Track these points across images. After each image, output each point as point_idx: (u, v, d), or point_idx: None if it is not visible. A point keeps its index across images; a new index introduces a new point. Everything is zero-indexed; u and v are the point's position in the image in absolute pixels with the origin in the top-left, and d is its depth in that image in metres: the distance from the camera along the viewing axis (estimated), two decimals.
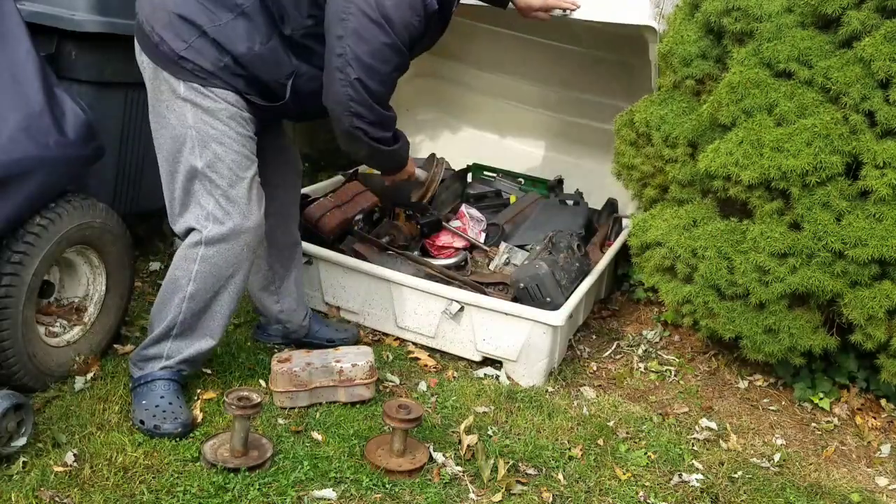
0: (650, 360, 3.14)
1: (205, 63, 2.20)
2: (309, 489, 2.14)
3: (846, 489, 2.48)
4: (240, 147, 2.27)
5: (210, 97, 2.23)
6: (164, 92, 2.24)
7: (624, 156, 3.26)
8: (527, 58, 4.11)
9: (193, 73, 2.20)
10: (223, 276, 2.31)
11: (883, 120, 2.47)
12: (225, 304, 2.37)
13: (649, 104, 3.10)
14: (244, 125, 2.30)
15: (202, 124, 2.23)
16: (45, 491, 1.99)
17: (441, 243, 3.42)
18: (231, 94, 2.25)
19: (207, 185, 2.25)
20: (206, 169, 2.24)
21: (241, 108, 2.28)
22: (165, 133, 2.27)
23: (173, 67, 2.21)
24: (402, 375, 2.82)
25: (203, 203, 2.26)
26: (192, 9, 2.20)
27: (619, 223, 3.74)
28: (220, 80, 2.23)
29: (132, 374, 2.39)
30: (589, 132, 4.13)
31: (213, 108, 2.23)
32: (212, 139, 2.23)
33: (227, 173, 2.25)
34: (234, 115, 2.27)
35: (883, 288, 2.48)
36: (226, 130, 2.25)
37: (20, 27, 2.29)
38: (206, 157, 2.23)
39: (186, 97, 2.22)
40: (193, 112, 2.23)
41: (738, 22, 2.79)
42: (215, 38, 2.20)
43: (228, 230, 2.26)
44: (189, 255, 2.28)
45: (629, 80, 3.72)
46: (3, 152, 2.12)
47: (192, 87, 2.21)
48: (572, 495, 2.28)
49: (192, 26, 2.19)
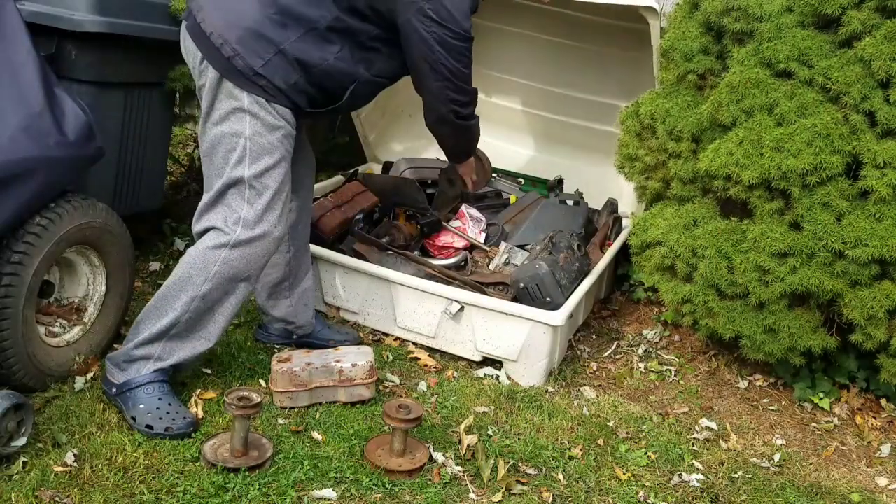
0: (650, 360, 3.14)
1: (277, 81, 2.26)
2: (309, 489, 2.14)
3: (846, 489, 2.48)
4: (287, 164, 2.35)
5: (272, 114, 2.29)
6: (224, 101, 2.28)
7: (627, 147, 3.25)
8: (527, 58, 4.11)
9: (264, 88, 2.26)
10: (237, 280, 2.33)
11: (883, 120, 2.47)
12: (230, 307, 2.37)
13: (655, 97, 3.10)
14: (291, 142, 2.37)
15: (259, 137, 2.28)
16: (45, 491, 1.99)
17: (441, 243, 3.42)
18: (289, 113, 2.33)
19: (246, 193, 2.29)
20: (252, 179, 2.28)
21: (293, 126, 2.36)
22: (216, 138, 2.30)
23: (242, 81, 2.25)
24: (402, 375, 2.82)
25: (235, 207, 2.30)
26: (268, 25, 2.24)
27: (619, 223, 3.74)
28: (285, 97, 2.29)
29: (113, 379, 2.34)
30: (589, 133, 4.13)
31: (273, 124, 2.30)
32: (266, 152, 2.29)
33: (273, 185, 2.31)
34: (289, 135, 2.34)
35: (883, 288, 2.48)
36: (279, 147, 2.32)
37: (20, 27, 2.29)
38: (255, 169, 2.28)
39: (249, 109, 2.27)
40: (252, 124, 2.27)
41: (738, 21, 2.79)
42: (293, 54, 2.26)
43: (257, 236, 2.30)
44: (210, 257, 2.29)
45: (630, 81, 3.72)
46: (4, 152, 2.12)
47: (256, 101, 2.26)
48: (572, 495, 2.28)
49: (270, 43, 2.25)
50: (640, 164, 3.21)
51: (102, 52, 2.72)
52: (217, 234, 2.30)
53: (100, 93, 2.77)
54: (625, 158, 3.30)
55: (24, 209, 2.20)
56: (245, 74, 2.24)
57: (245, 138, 2.27)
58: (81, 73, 2.71)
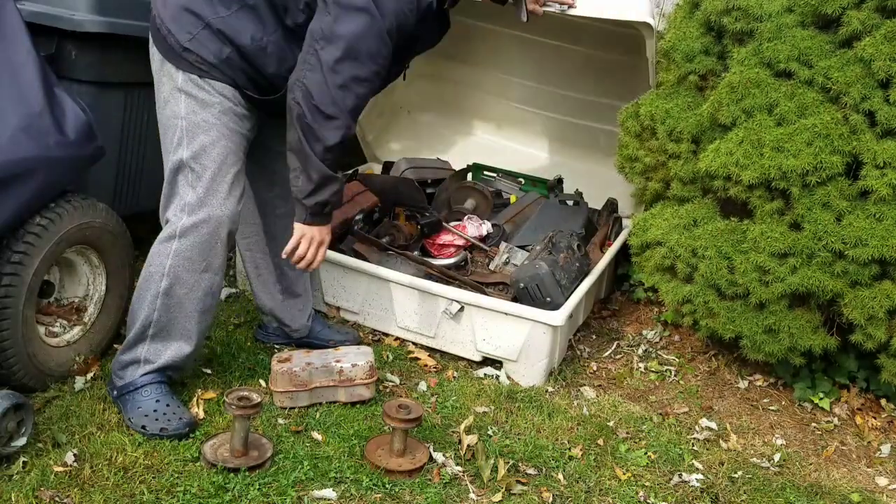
0: (650, 360, 3.14)
1: (207, 55, 2.22)
2: (309, 489, 2.14)
3: (846, 489, 2.48)
4: (227, 141, 2.28)
5: (206, 90, 2.24)
6: (166, 84, 2.28)
7: (627, 148, 3.25)
8: (527, 58, 4.11)
9: (195, 64, 2.23)
10: (196, 271, 2.29)
11: (883, 120, 2.47)
12: (200, 302, 2.33)
13: (655, 98, 3.10)
14: (237, 121, 2.30)
15: (193, 115, 2.25)
16: (45, 491, 1.99)
17: (441, 243, 3.42)
18: (228, 89, 2.26)
19: (190, 177, 2.26)
20: (190, 160, 2.25)
21: (236, 102, 2.29)
22: (163, 124, 2.31)
23: (177, 59, 2.24)
24: (402, 375, 2.82)
25: (182, 193, 2.27)
26: (197, 1, 2.22)
27: (619, 223, 3.74)
28: (220, 72, 2.24)
29: (114, 384, 2.35)
30: (589, 132, 4.13)
31: (208, 100, 2.25)
32: (200, 130, 2.25)
33: (211, 165, 2.26)
34: (228, 111, 2.28)
35: (883, 288, 2.48)
36: (216, 123, 2.26)
37: (20, 27, 2.29)
38: (193, 149, 2.25)
39: (183, 88, 2.24)
40: (187, 102, 2.25)
41: (738, 21, 2.79)
42: (220, 28, 2.22)
43: (202, 220, 2.25)
44: (162, 251, 2.28)
45: (629, 81, 3.71)
46: (4, 152, 2.12)
47: (189, 79, 2.24)
48: (572, 495, 2.28)
49: (197, 18, 2.22)
50: (639, 165, 3.21)
51: (102, 52, 2.72)
52: (166, 227, 2.29)
53: (100, 93, 2.77)
54: (625, 159, 3.30)
55: (24, 209, 2.20)
56: (176, 51, 2.23)
57: (181, 118, 2.25)
58: (81, 73, 2.71)
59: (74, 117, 2.33)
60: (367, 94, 2.23)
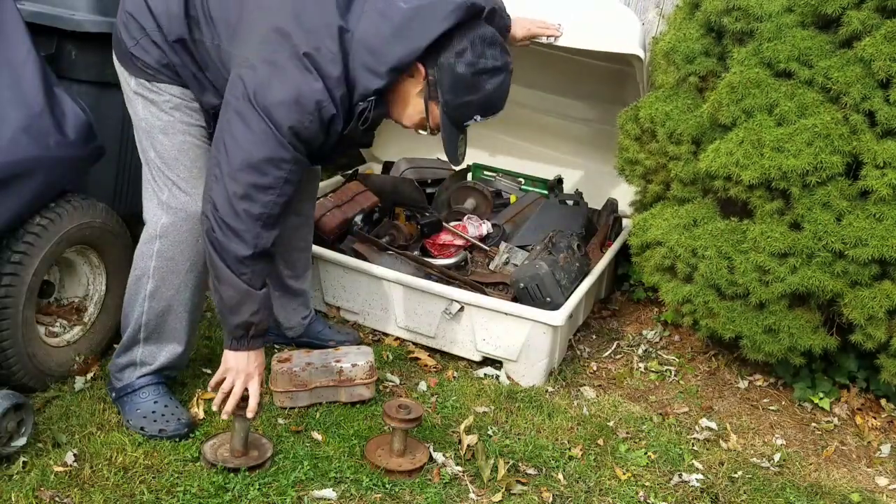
0: (650, 360, 3.14)
1: (150, 60, 2.22)
2: (309, 489, 2.14)
3: (846, 489, 2.48)
4: (184, 136, 2.27)
5: (155, 91, 2.25)
6: (124, 87, 2.31)
7: (627, 151, 3.25)
8: (527, 59, 4.10)
9: (142, 69, 2.24)
10: (181, 271, 2.29)
11: (883, 120, 2.47)
12: (186, 301, 2.33)
13: (654, 100, 3.09)
14: (191, 114, 2.28)
15: (150, 116, 2.26)
16: (45, 491, 1.99)
17: (441, 243, 3.42)
18: (176, 88, 2.26)
19: (160, 176, 2.26)
20: (156, 159, 2.26)
21: (186, 98, 2.28)
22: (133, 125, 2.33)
23: (127, 63, 2.26)
24: (402, 375, 2.82)
25: (157, 193, 2.27)
26: (141, 10, 2.22)
27: (619, 223, 3.74)
28: (164, 75, 2.25)
29: (113, 386, 2.37)
30: (589, 132, 4.13)
31: (158, 100, 2.25)
32: (158, 130, 2.26)
33: (174, 163, 2.26)
34: (179, 106, 2.27)
35: (883, 288, 2.48)
36: (171, 121, 2.26)
37: (20, 27, 2.29)
38: (157, 148, 2.26)
39: (137, 91, 2.26)
40: (143, 104, 2.27)
41: (738, 21, 2.78)
42: (156, 41, 2.21)
43: (179, 218, 2.25)
44: (145, 252, 2.28)
45: (630, 81, 3.71)
46: (4, 153, 2.12)
47: (140, 83, 2.25)
48: (572, 495, 2.28)
49: (139, 26, 2.22)
50: (640, 168, 3.21)
51: (102, 52, 2.72)
52: (147, 227, 2.29)
53: (100, 93, 2.77)
54: (625, 162, 3.30)
55: (24, 209, 2.20)
56: (126, 55, 2.24)
57: (141, 120, 2.27)
58: (81, 73, 2.71)
59: (74, 117, 2.33)
60: (276, 199, 2.06)
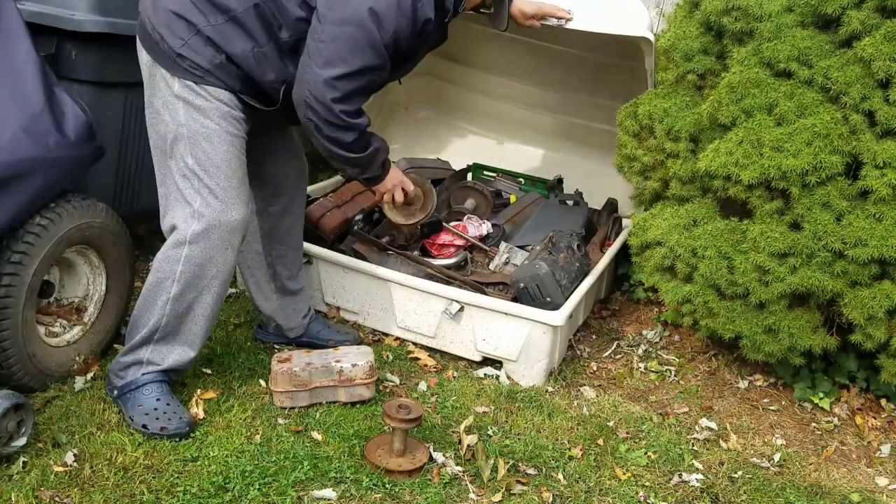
0: (650, 360, 3.14)
1: (201, 60, 2.21)
2: (309, 489, 2.14)
3: (846, 489, 2.48)
4: (229, 146, 2.27)
5: (202, 95, 2.23)
6: (160, 89, 2.26)
7: (626, 147, 3.25)
8: (527, 58, 4.11)
9: (190, 70, 2.21)
10: (206, 277, 2.30)
11: (883, 120, 2.47)
12: (207, 306, 2.34)
13: (653, 97, 3.10)
14: (235, 125, 2.30)
15: (193, 122, 2.23)
16: (45, 491, 1.99)
17: (441, 243, 3.42)
18: (225, 93, 2.26)
19: (195, 183, 2.25)
20: (195, 166, 2.24)
21: (233, 107, 2.28)
22: (159, 129, 2.28)
23: (170, 65, 2.22)
24: (402, 375, 2.82)
25: (190, 200, 2.26)
26: (188, 8, 2.21)
27: (619, 223, 3.74)
28: (214, 77, 2.23)
29: (114, 384, 2.35)
30: (589, 132, 4.13)
31: (205, 106, 2.24)
32: (202, 137, 2.24)
33: (215, 171, 2.25)
34: (226, 115, 2.27)
35: (883, 288, 2.48)
36: (216, 129, 2.25)
37: (20, 27, 2.29)
38: (197, 155, 2.24)
39: (180, 94, 2.23)
40: (185, 109, 2.23)
41: (738, 21, 2.79)
42: (210, 36, 2.21)
43: (211, 225, 2.25)
44: (172, 256, 2.27)
45: (629, 81, 3.71)
46: (4, 153, 2.12)
47: (186, 85, 2.22)
48: (572, 495, 2.28)
49: (188, 24, 2.21)
50: (638, 165, 3.21)
51: (102, 52, 2.72)
52: (175, 233, 2.28)
53: (100, 93, 2.77)
54: (623, 158, 3.30)
55: (24, 209, 2.20)
56: (170, 57, 2.21)
57: (182, 125, 2.24)
58: (81, 73, 2.71)
59: (74, 117, 2.33)
60: (367, 98, 2.32)
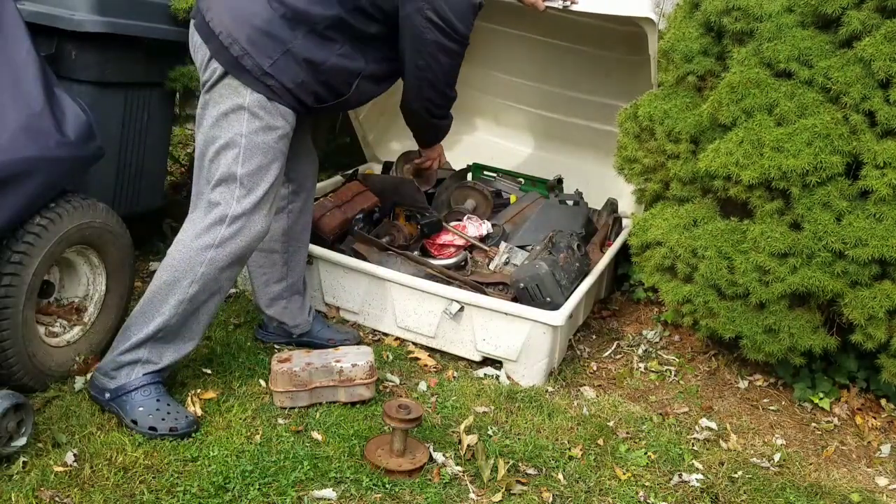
0: (650, 360, 3.14)
1: (285, 80, 2.27)
2: (309, 489, 2.14)
3: (846, 489, 2.48)
4: (280, 164, 2.35)
5: (272, 113, 2.29)
6: (227, 97, 2.28)
7: (626, 149, 3.26)
8: (527, 57, 4.11)
9: (271, 88, 2.26)
10: (221, 279, 2.33)
11: (883, 120, 2.47)
12: (213, 306, 2.37)
13: (653, 98, 3.10)
14: (287, 143, 2.37)
15: (254, 135, 2.28)
16: (45, 491, 1.99)
17: (441, 243, 3.42)
18: (290, 114, 2.33)
19: (238, 191, 2.29)
20: (244, 177, 2.28)
21: (293, 126, 2.36)
22: (212, 133, 2.30)
23: (249, 79, 2.25)
24: (402, 375, 2.82)
25: (225, 205, 2.29)
26: (277, 25, 2.25)
27: (619, 223, 3.74)
28: (292, 97, 2.30)
29: (104, 386, 2.31)
30: (589, 132, 4.13)
31: (272, 124, 2.29)
32: (259, 151, 2.29)
33: (263, 185, 2.31)
34: (285, 136, 2.34)
35: (883, 288, 2.48)
36: (274, 147, 2.31)
37: (20, 27, 2.29)
38: (249, 167, 2.28)
39: (249, 108, 2.27)
40: (250, 123, 2.27)
41: (738, 21, 2.79)
42: (299, 53, 2.27)
43: (239, 231, 2.30)
44: (196, 258, 2.28)
45: (629, 81, 3.72)
46: (4, 152, 2.12)
47: (258, 100, 2.26)
48: (572, 495, 2.28)
49: (278, 43, 2.25)
50: (639, 166, 3.21)
51: (102, 52, 2.73)
52: (206, 234, 2.29)
53: (100, 93, 2.77)
54: (624, 160, 3.30)
55: (24, 209, 2.20)
56: (253, 73, 2.24)
57: (242, 136, 2.27)
58: (81, 73, 2.71)
59: (74, 117, 2.33)
60: None
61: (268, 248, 2.72)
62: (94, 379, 2.35)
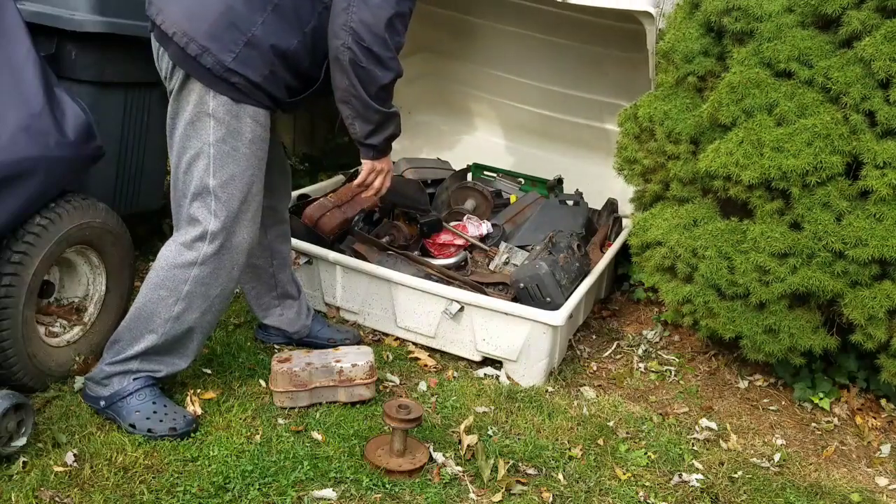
0: (650, 360, 3.14)
1: (252, 74, 2.13)
2: (309, 489, 2.14)
3: (846, 489, 2.48)
4: (255, 170, 2.24)
5: (239, 117, 2.17)
6: (191, 103, 2.17)
7: (626, 150, 3.26)
8: (527, 57, 4.11)
9: (236, 86, 2.13)
10: (210, 296, 2.28)
11: (883, 120, 2.47)
12: (207, 324, 2.33)
13: (653, 99, 3.10)
14: (263, 147, 2.26)
15: (222, 143, 2.17)
16: (45, 491, 1.99)
17: (441, 243, 3.42)
18: (261, 114, 2.21)
19: (213, 205, 2.20)
20: (217, 188, 2.19)
21: (265, 127, 2.24)
22: (182, 144, 2.21)
23: (213, 81, 2.13)
24: (402, 375, 2.82)
25: (204, 222, 2.21)
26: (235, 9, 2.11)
27: (619, 223, 3.74)
28: (261, 92, 2.17)
29: (98, 394, 2.29)
30: (589, 132, 4.13)
31: (240, 129, 2.18)
32: (230, 159, 2.19)
33: (238, 194, 2.22)
34: (257, 138, 2.22)
35: (883, 288, 2.48)
36: (246, 153, 2.21)
37: (20, 27, 2.29)
38: (221, 177, 2.19)
39: (214, 114, 2.15)
40: (216, 129, 2.17)
41: (738, 21, 2.79)
42: (262, 38, 2.12)
43: (223, 248, 2.24)
44: (179, 276, 2.23)
45: (630, 80, 3.72)
46: (4, 152, 2.12)
47: (222, 104, 2.15)
48: (572, 495, 2.28)
49: (238, 31, 2.11)
50: (639, 167, 3.21)
51: (102, 52, 2.72)
52: (186, 252, 2.22)
53: (100, 93, 2.77)
54: (624, 161, 3.30)
55: (24, 209, 2.20)
56: (214, 72, 2.11)
57: (210, 145, 2.17)
58: (81, 73, 2.71)
59: (74, 117, 2.33)
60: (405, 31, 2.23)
61: (251, 264, 2.67)
62: (86, 388, 2.33)
